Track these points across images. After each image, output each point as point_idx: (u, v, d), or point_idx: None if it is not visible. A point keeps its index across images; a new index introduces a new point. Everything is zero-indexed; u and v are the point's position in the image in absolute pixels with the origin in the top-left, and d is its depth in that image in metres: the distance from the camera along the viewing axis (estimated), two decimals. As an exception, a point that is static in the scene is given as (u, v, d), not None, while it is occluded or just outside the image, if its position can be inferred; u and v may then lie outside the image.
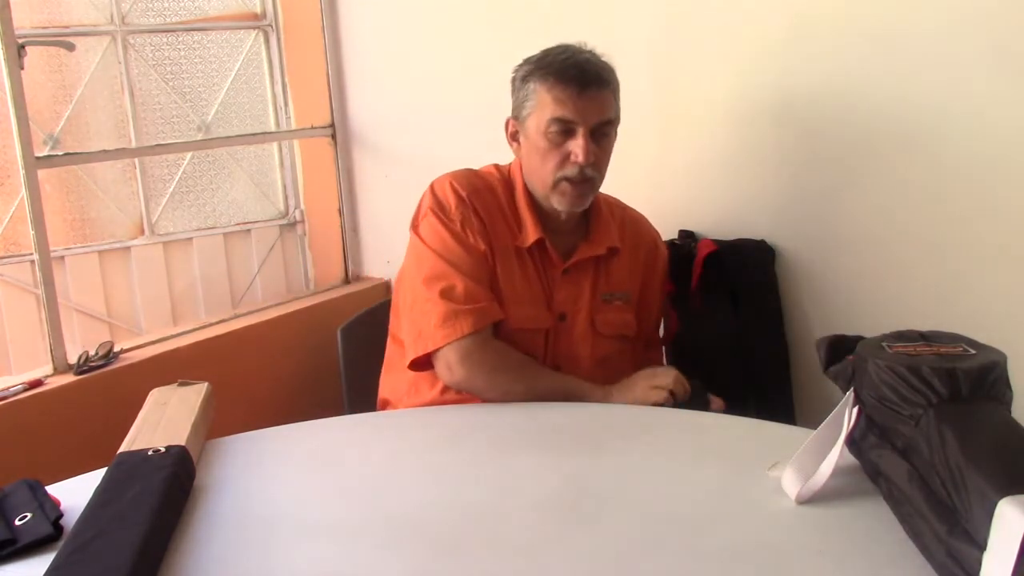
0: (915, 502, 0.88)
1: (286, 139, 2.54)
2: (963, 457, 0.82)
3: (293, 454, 1.24)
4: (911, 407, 0.90)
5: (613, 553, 0.93)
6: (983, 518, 0.76)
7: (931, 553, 0.85)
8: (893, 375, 0.93)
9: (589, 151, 1.42)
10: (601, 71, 1.45)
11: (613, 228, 1.57)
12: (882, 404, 0.94)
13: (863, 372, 0.98)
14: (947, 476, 0.83)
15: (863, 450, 1.01)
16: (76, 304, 2.47)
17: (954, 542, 0.80)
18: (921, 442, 0.88)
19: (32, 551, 0.96)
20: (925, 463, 0.87)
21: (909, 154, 1.63)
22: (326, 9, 2.42)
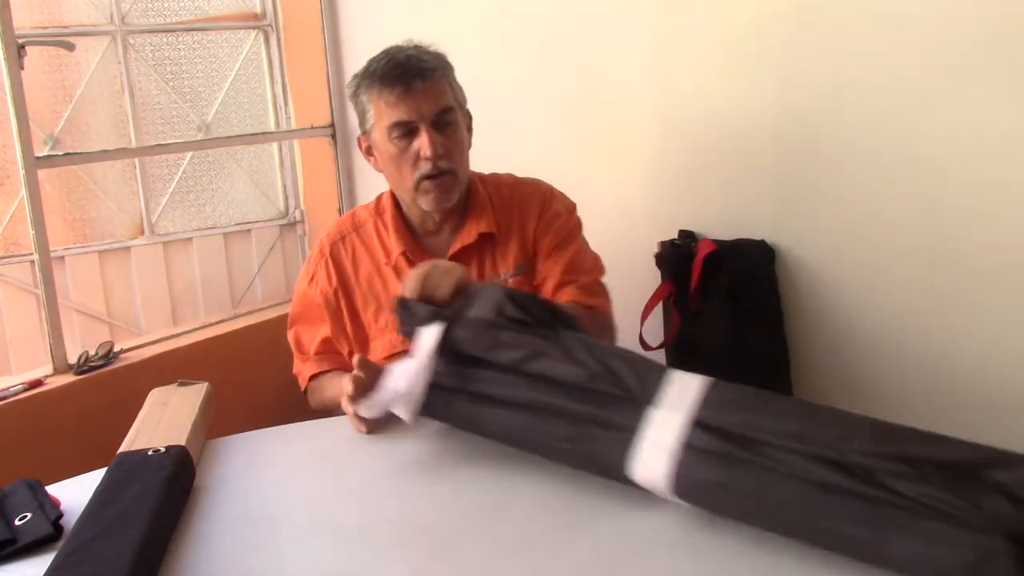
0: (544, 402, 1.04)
1: (286, 139, 2.54)
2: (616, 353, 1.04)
3: (293, 454, 1.24)
4: (541, 325, 1.09)
5: (613, 553, 0.93)
6: (653, 383, 0.98)
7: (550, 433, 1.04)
8: (531, 300, 1.13)
9: (435, 143, 1.42)
10: (423, 63, 1.44)
11: (488, 213, 1.54)
12: (509, 322, 1.09)
13: (488, 297, 1.12)
14: (596, 364, 1.02)
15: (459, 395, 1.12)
16: (76, 304, 2.47)
17: (603, 408, 1.00)
18: (553, 348, 1.05)
19: (32, 551, 0.96)
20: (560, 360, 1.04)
21: (909, 154, 1.63)
22: (326, 9, 2.42)
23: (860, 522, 0.83)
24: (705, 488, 0.93)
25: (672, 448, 0.94)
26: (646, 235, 1.92)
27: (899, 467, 0.82)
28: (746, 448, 0.90)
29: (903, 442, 0.84)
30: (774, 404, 0.94)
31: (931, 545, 0.80)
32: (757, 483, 0.89)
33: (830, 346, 1.79)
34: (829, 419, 0.90)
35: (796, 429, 0.88)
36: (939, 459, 0.81)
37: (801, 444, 0.87)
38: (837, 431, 0.87)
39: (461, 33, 2.21)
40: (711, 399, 0.95)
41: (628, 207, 2.01)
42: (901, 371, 1.69)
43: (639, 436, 0.97)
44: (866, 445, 0.85)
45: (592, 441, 1.01)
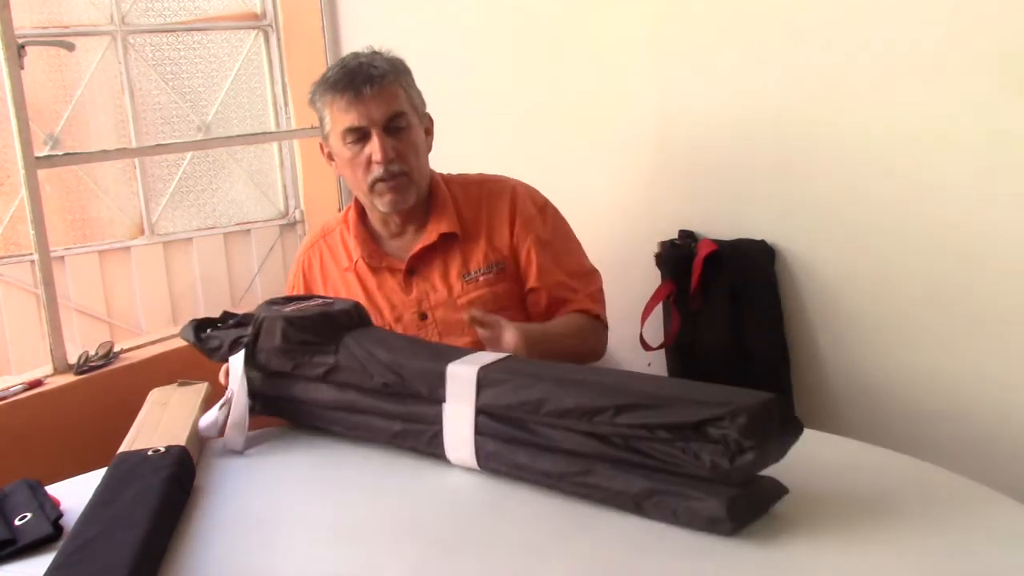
0: (353, 403, 1.19)
1: (286, 139, 2.54)
2: (393, 356, 1.14)
3: (293, 454, 1.24)
4: (330, 341, 1.19)
5: (613, 553, 0.93)
6: (436, 382, 1.09)
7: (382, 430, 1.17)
8: (307, 321, 1.21)
9: (385, 148, 1.44)
10: (373, 70, 1.46)
11: (450, 213, 1.53)
12: (301, 347, 1.20)
13: (271, 330, 1.22)
14: (385, 372, 1.14)
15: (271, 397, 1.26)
16: (76, 304, 2.47)
17: (409, 409, 1.13)
18: (347, 360, 1.17)
19: (32, 551, 0.96)
20: (354, 373, 1.17)
21: (910, 155, 1.63)
22: (326, 9, 2.42)
23: (622, 489, 0.96)
24: (501, 464, 1.06)
25: (468, 437, 1.07)
26: (646, 235, 1.92)
27: (639, 432, 0.95)
28: (518, 427, 1.04)
29: (637, 411, 0.95)
30: (537, 383, 1.03)
31: (676, 507, 0.93)
32: (532, 459, 1.03)
33: (830, 346, 1.79)
34: (580, 392, 1.00)
35: (554, 409, 1.00)
36: (667, 423, 0.92)
37: (561, 419, 1.00)
38: (587, 406, 0.98)
39: (461, 33, 2.21)
40: (484, 384, 1.06)
41: (628, 207, 2.01)
42: (901, 371, 1.69)
43: (443, 429, 1.10)
44: (610, 417, 0.96)
45: (410, 436, 1.15)
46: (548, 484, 1.02)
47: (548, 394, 1.01)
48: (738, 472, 0.89)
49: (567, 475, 1.00)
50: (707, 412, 0.90)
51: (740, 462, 0.89)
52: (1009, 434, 1.58)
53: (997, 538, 0.91)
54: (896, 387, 1.70)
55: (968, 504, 0.99)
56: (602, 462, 0.98)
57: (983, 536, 0.91)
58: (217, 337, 1.29)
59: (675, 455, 0.92)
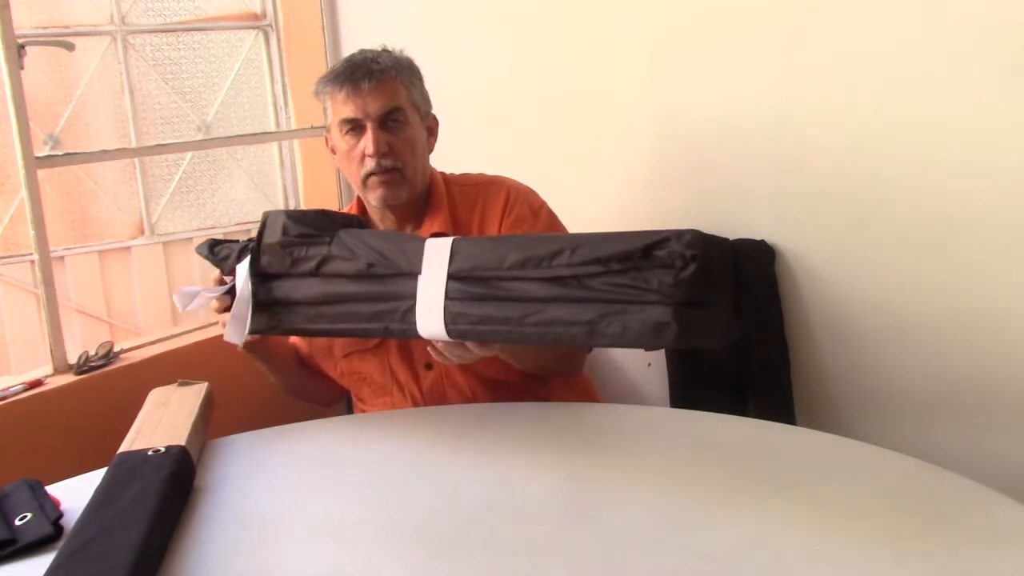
0: (337, 291, 1.25)
1: (286, 139, 2.54)
2: (381, 239, 1.24)
3: (293, 454, 1.24)
4: (324, 232, 1.27)
5: (613, 553, 0.93)
6: (415, 256, 1.18)
7: (359, 314, 1.23)
8: (306, 215, 1.31)
9: (378, 142, 1.45)
10: (375, 64, 1.48)
11: (444, 213, 1.54)
12: (298, 239, 1.28)
13: (274, 225, 1.30)
14: (374, 255, 1.21)
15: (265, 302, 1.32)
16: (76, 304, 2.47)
17: (388, 288, 1.20)
18: (338, 250, 1.25)
19: (32, 551, 0.96)
20: (345, 260, 1.23)
21: (910, 154, 1.63)
22: (326, 9, 2.42)
23: (576, 318, 1.07)
24: (469, 325, 1.14)
25: (438, 303, 1.15)
26: (646, 235, 1.92)
27: (593, 268, 1.05)
28: (484, 285, 1.13)
29: (591, 246, 1.05)
30: (504, 243, 1.15)
31: (626, 321, 1.03)
32: (498, 310, 1.12)
33: (830, 346, 1.79)
34: (541, 243, 1.10)
35: (517, 259, 1.10)
36: (618, 253, 1.03)
37: (522, 270, 1.10)
38: (546, 251, 1.08)
39: (460, 34, 2.21)
40: (457, 252, 1.15)
41: (628, 207, 2.01)
42: (902, 371, 1.69)
43: (416, 301, 1.17)
44: (567, 258, 1.07)
45: (385, 316, 1.21)
46: (509, 329, 1.11)
47: (508, 251, 1.11)
48: (682, 286, 0.99)
49: (527, 316, 1.09)
50: (655, 237, 1.01)
51: (684, 275, 0.99)
52: (1010, 434, 1.57)
53: (998, 538, 0.91)
54: (896, 387, 1.70)
55: (968, 504, 0.99)
56: (558, 301, 1.08)
57: (984, 536, 0.91)
58: (228, 247, 1.38)
59: (625, 284, 1.03)
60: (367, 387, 1.54)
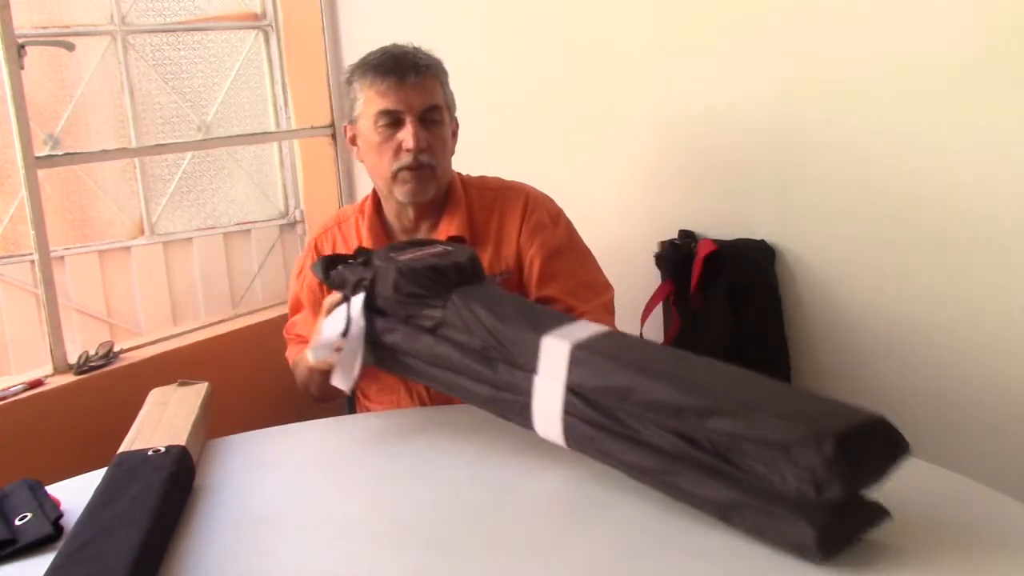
0: (452, 360, 1.16)
1: (286, 139, 2.54)
2: (497, 320, 1.11)
3: (293, 454, 1.24)
4: (438, 296, 1.18)
5: (613, 553, 0.93)
6: (530, 353, 1.07)
7: (474, 392, 1.15)
8: (419, 275, 1.19)
9: (419, 137, 1.44)
10: (419, 60, 1.47)
11: (461, 216, 1.53)
12: (411, 299, 1.19)
13: (385, 279, 1.22)
14: (487, 336, 1.11)
15: (377, 344, 1.25)
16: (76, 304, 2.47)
17: (503, 377, 1.10)
18: (454, 317, 1.15)
19: (32, 551, 0.96)
20: (459, 331, 1.15)
21: (909, 154, 1.63)
22: (326, 9, 2.42)
23: (707, 494, 0.93)
24: (588, 446, 1.04)
25: (557, 413, 1.05)
26: (646, 235, 1.92)
27: (726, 440, 0.90)
28: (605, 414, 1.00)
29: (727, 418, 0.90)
30: (626, 369, 1.00)
31: (762, 525, 0.89)
32: (619, 447, 1.00)
33: (830, 346, 1.79)
34: (671, 386, 0.95)
35: (641, 399, 0.97)
36: (754, 436, 0.87)
37: (648, 412, 0.96)
38: (672, 403, 0.94)
39: (460, 34, 2.21)
40: (577, 363, 1.03)
41: (628, 207, 2.01)
42: (902, 371, 1.69)
43: (532, 401, 1.07)
44: (699, 419, 0.92)
45: (502, 403, 1.13)
46: (634, 476, 1.00)
47: (636, 384, 0.97)
48: (826, 504, 0.83)
49: (652, 471, 0.97)
50: (792, 433, 0.84)
51: (827, 494, 0.82)
52: (1011, 434, 1.58)
53: (999, 539, 0.91)
54: (896, 386, 1.70)
55: (969, 505, 0.99)
56: (688, 463, 0.94)
57: (985, 537, 0.91)
58: (342, 274, 1.29)
59: (762, 471, 0.87)
60: (374, 384, 1.53)
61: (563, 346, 1.04)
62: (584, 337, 1.06)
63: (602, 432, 1.01)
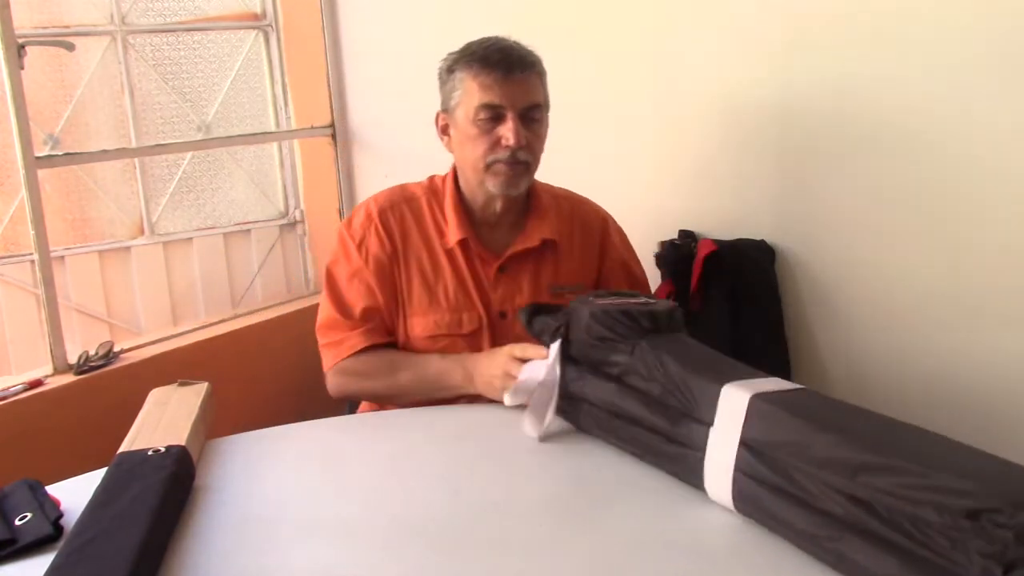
0: (629, 412, 1.12)
1: (286, 139, 2.54)
2: (683, 369, 1.06)
3: (293, 454, 1.24)
4: (627, 341, 1.15)
5: (613, 553, 0.93)
6: (709, 404, 1.00)
7: (650, 447, 1.10)
8: (610, 318, 1.17)
9: (520, 134, 1.43)
10: (525, 55, 1.46)
11: (551, 220, 1.54)
12: (600, 342, 1.17)
13: (578, 321, 1.20)
14: (670, 385, 1.07)
15: (579, 401, 1.21)
16: (76, 304, 2.47)
17: (678, 430, 1.05)
18: (639, 365, 1.12)
19: (32, 551, 0.96)
20: (643, 380, 1.11)
21: (909, 154, 1.63)
22: (326, 9, 2.42)
23: (876, 570, 0.82)
24: (758, 510, 0.95)
25: (728, 469, 0.97)
26: (646, 235, 1.92)
27: (904, 505, 0.80)
28: (778, 472, 0.92)
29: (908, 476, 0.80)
30: (798, 421, 0.92)
31: None
32: (786, 510, 0.91)
33: (830, 346, 1.79)
34: (844, 441, 0.87)
35: (822, 457, 0.88)
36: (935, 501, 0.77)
37: (821, 471, 0.87)
38: (858, 461, 0.84)
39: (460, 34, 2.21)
40: (753, 416, 0.95)
41: (628, 207, 2.00)
42: (902, 371, 1.69)
43: (706, 456, 1.01)
44: (873, 477, 0.82)
45: (677, 459, 1.06)
46: (801, 544, 0.91)
47: (810, 438, 0.89)
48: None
49: (817, 537, 0.88)
50: (980, 500, 0.75)
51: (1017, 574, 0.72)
52: (1012, 432, 1.57)
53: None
54: (897, 387, 1.70)
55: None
56: (860, 532, 0.84)
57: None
58: (545, 322, 1.27)
59: (943, 545, 0.77)
60: None
61: (742, 396, 0.97)
62: (768, 389, 0.99)
63: (772, 492, 0.93)
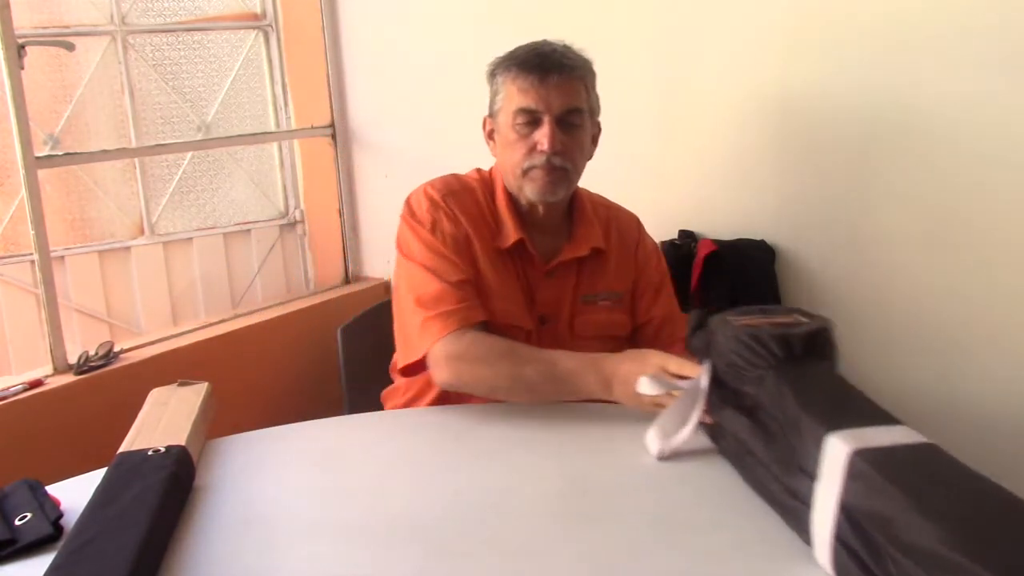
0: (756, 451, 1.02)
1: (286, 139, 2.54)
2: (799, 406, 0.94)
3: (293, 454, 1.24)
4: (756, 369, 1.02)
5: (613, 553, 0.93)
6: (815, 453, 0.88)
7: (770, 493, 0.99)
8: (739, 343, 1.05)
9: (555, 139, 1.41)
10: (566, 59, 1.44)
11: (597, 228, 1.54)
12: (731, 369, 1.06)
13: (715, 343, 1.10)
14: (787, 424, 0.95)
15: (713, 414, 1.13)
16: (76, 304, 2.47)
17: (790, 479, 0.93)
18: (765, 398, 1.00)
19: (32, 551, 0.96)
20: (769, 416, 0.99)
21: (910, 154, 1.63)
22: (326, 9, 2.42)
23: None
24: None
25: (827, 535, 0.86)
26: (646, 235, 1.92)
27: None
28: (873, 551, 0.80)
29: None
30: (892, 490, 0.79)
31: None
32: None
33: (830, 346, 1.79)
34: (940, 524, 0.73)
35: (905, 538, 0.75)
36: None
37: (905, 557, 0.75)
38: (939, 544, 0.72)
39: (460, 34, 2.21)
40: (854, 478, 0.82)
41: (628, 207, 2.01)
42: (902, 371, 1.69)
43: (811, 513, 0.89)
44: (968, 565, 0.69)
45: (788, 511, 0.95)
46: None
47: (900, 515, 0.76)
48: None
49: None
50: None
51: None
52: (1012, 434, 1.58)
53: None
54: (896, 387, 1.69)
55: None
56: None
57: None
58: (701, 339, 1.15)
59: None
60: None
61: (843, 450, 0.83)
62: (877, 444, 0.84)
63: (864, 572, 0.80)
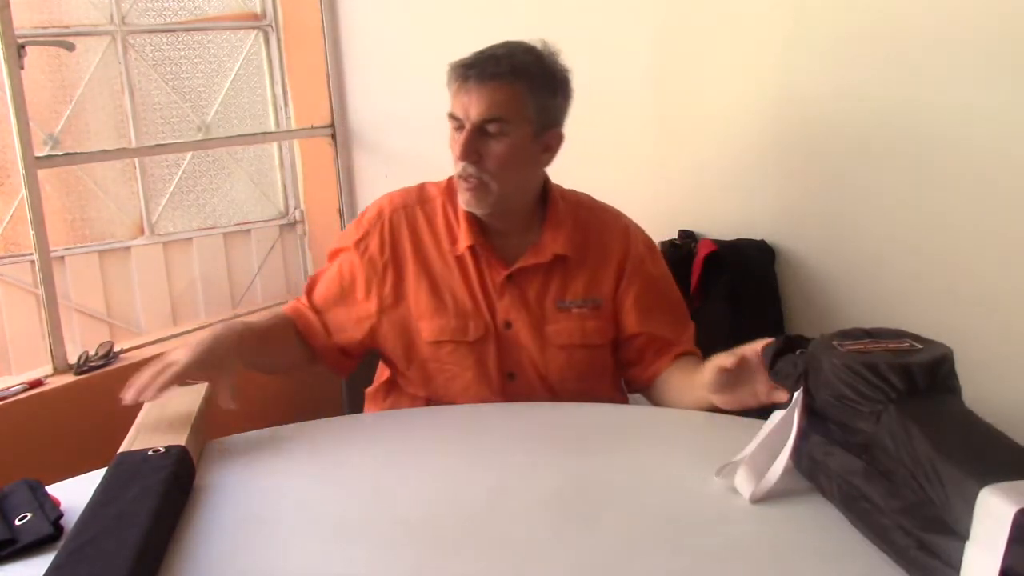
0: (873, 498, 0.90)
1: (286, 139, 2.54)
2: (934, 450, 0.82)
3: (293, 454, 1.24)
4: (871, 404, 0.91)
5: (612, 553, 0.93)
6: (963, 508, 0.76)
7: (897, 547, 0.86)
8: (851, 373, 0.93)
9: (466, 148, 1.35)
10: (499, 66, 1.35)
11: (566, 231, 1.46)
12: (840, 402, 0.95)
13: (817, 371, 0.98)
14: (917, 470, 0.83)
15: (802, 449, 1.02)
16: (76, 304, 2.47)
17: (928, 535, 0.81)
18: (885, 437, 0.89)
19: (32, 551, 0.96)
20: (890, 458, 0.88)
21: (909, 154, 1.63)
22: (326, 9, 2.42)
23: None
24: None
25: None
26: (646, 235, 1.92)
27: None
28: None
29: None
30: None
31: None
32: None
33: (830, 346, 1.79)
34: None
35: None
36: None
37: None
38: None
39: (460, 33, 2.21)
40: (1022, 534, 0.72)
41: (628, 207, 2.01)
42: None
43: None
44: None
45: (930, 571, 0.82)
46: None
47: None
48: None
49: None
50: None
51: None
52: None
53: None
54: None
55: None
56: None
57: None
58: (790, 363, 1.06)
59: None
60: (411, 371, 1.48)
61: (1006, 509, 0.72)
62: None
63: None
